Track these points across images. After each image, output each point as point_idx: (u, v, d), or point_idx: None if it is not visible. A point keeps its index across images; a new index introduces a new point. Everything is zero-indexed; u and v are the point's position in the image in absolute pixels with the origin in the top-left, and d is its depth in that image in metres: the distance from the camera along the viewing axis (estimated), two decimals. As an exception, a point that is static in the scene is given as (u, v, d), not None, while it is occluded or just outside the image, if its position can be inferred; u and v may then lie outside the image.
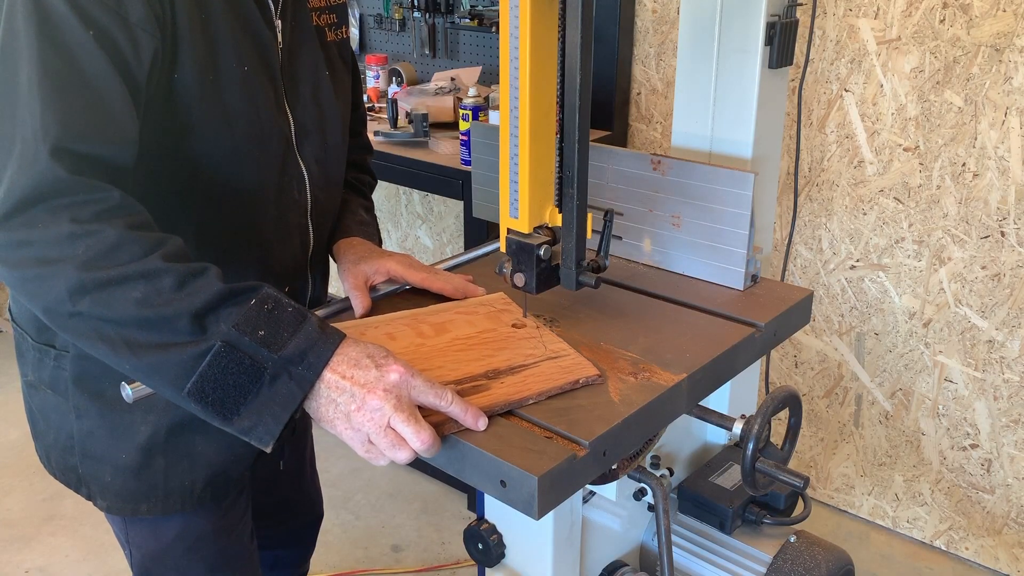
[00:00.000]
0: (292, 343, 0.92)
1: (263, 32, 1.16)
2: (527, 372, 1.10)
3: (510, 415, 1.03)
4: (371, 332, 1.16)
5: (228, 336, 0.90)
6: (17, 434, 3.13)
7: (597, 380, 1.10)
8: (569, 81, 1.07)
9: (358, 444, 0.95)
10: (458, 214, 3.09)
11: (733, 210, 1.33)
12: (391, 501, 2.76)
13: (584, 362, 1.12)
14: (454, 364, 1.10)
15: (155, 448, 1.24)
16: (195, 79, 1.07)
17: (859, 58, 2.24)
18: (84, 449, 1.25)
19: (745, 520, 1.48)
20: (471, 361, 1.11)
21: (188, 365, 0.91)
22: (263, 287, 0.96)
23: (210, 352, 0.90)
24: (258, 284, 0.96)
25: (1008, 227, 2.14)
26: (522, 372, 1.10)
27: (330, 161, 1.32)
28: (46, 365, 1.23)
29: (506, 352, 1.14)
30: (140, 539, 1.35)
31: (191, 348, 0.91)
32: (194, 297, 0.91)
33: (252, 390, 0.92)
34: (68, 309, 0.91)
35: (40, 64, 0.93)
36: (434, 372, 1.07)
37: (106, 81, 0.97)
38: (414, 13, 2.96)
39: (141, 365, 0.93)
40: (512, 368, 1.11)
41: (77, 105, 0.94)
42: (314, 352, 0.93)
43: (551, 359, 1.13)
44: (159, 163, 1.10)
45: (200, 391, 0.91)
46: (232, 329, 0.91)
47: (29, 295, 0.94)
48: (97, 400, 1.21)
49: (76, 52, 0.95)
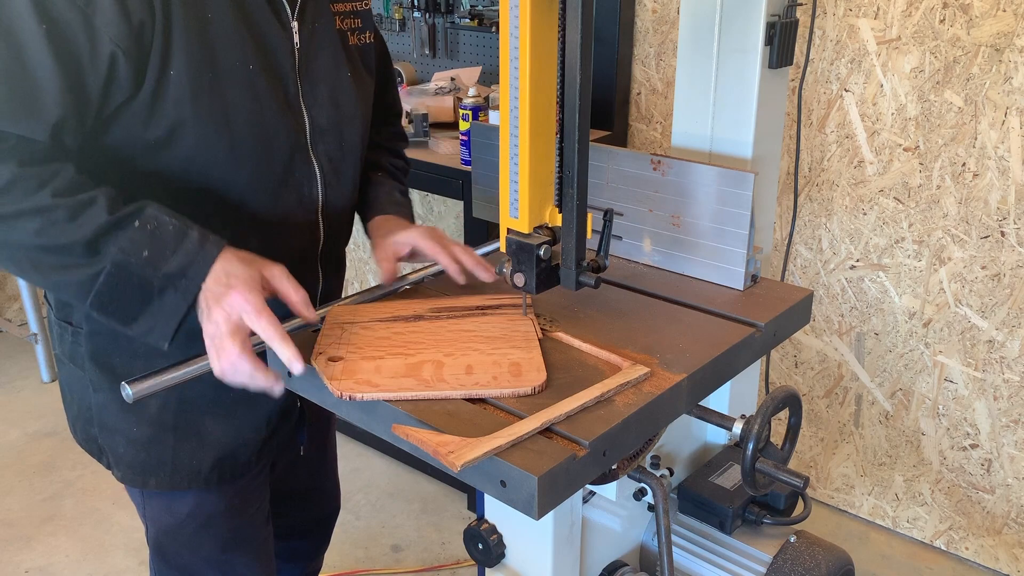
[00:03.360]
0: (174, 260, 1.05)
1: (275, 33, 1.21)
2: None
3: (508, 414, 1.03)
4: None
5: (116, 258, 1.03)
6: (17, 434, 3.13)
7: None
8: (569, 81, 1.07)
9: (208, 342, 1.07)
10: (458, 214, 3.09)
11: (733, 210, 1.33)
12: (391, 501, 2.76)
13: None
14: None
15: (164, 424, 1.31)
16: (190, 77, 1.12)
17: (859, 58, 2.24)
18: (101, 421, 1.32)
19: (745, 520, 1.48)
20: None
21: (86, 283, 1.05)
22: (145, 208, 1.06)
23: (102, 273, 1.04)
24: (141, 205, 1.07)
25: (1008, 227, 2.14)
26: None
27: (346, 160, 1.37)
28: (66, 340, 1.31)
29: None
30: (155, 514, 1.40)
31: (86, 269, 1.04)
32: (84, 227, 1.03)
33: (144, 302, 1.06)
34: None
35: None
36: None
37: (44, 75, 1.03)
38: (414, 13, 2.95)
39: (48, 283, 1.09)
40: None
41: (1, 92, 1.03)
42: (193, 267, 1.06)
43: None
44: (151, 155, 1.15)
45: (100, 304, 1.05)
46: (118, 252, 1.03)
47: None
48: (109, 374, 1.28)
49: (24, 42, 1.03)
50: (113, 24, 1.05)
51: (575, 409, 1.02)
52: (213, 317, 1.05)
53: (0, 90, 1.03)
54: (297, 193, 1.29)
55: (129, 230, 1.04)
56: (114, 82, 1.09)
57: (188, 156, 1.16)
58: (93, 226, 1.03)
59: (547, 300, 1.30)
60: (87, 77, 1.07)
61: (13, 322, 3.78)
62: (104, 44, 1.06)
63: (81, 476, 2.86)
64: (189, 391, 1.28)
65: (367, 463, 2.94)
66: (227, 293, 1.06)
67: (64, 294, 1.10)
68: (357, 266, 3.42)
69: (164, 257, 1.05)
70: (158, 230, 1.06)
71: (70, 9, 1.04)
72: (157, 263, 1.05)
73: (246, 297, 1.06)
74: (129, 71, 1.08)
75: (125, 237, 1.04)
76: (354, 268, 3.42)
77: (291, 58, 1.24)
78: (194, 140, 1.15)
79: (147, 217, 1.06)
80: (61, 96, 1.05)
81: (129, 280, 1.04)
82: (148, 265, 1.04)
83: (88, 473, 2.86)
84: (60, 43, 1.04)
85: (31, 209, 1.02)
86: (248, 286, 1.07)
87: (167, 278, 1.05)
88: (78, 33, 1.04)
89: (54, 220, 1.02)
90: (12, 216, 1.02)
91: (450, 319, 1.23)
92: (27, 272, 1.08)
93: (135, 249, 1.04)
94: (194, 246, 1.07)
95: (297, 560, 1.79)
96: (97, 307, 1.06)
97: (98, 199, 1.05)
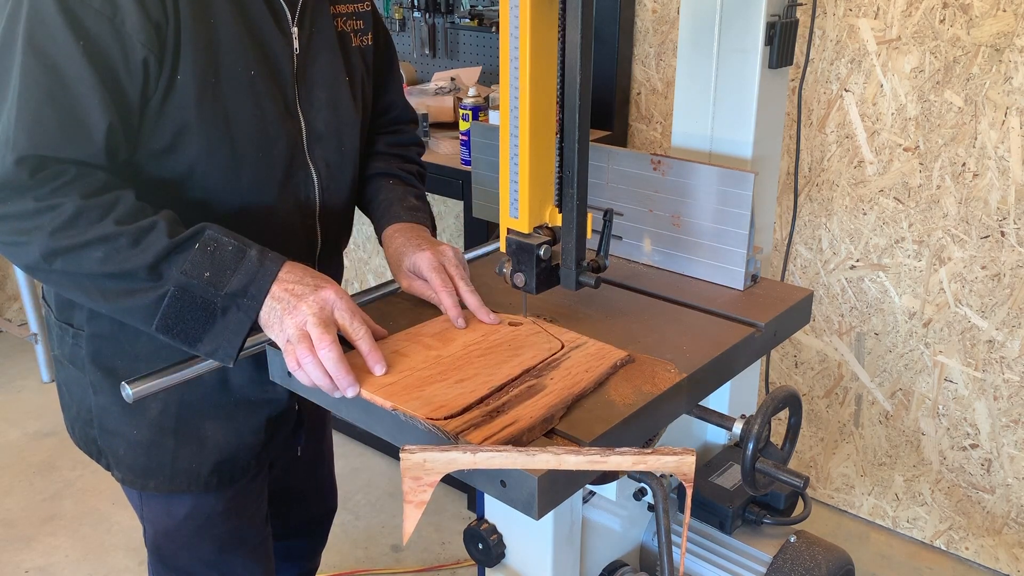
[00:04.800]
0: (235, 279, 1.07)
1: (275, 39, 1.21)
2: (565, 365, 1.10)
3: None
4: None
5: (179, 281, 1.05)
6: (17, 434, 3.13)
7: (629, 360, 1.12)
8: (569, 81, 1.07)
9: (282, 342, 1.07)
10: (458, 214, 3.09)
11: (733, 210, 1.33)
12: (391, 501, 2.76)
13: (606, 346, 1.13)
14: (488, 370, 1.10)
15: (165, 427, 1.30)
16: (196, 81, 1.12)
17: (859, 58, 2.24)
18: (101, 423, 1.32)
19: (745, 520, 1.48)
20: (500, 364, 1.11)
21: (151, 307, 1.06)
22: (205, 230, 1.08)
23: (167, 296, 1.06)
24: (201, 228, 1.08)
25: (1008, 227, 2.14)
26: (561, 366, 1.10)
27: (344, 165, 1.36)
28: (66, 342, 1.31)
29: (528, 350, 1.14)
30: (153, 515, 1.40)
31: (151, 293, 1.06)
32: (147, 252, 1.05)
33: (208, 322, 1.07)
34: (45, 268, 1.06)
35: (22, 74, 1.04)
36: (473, 380, 1.07)
37: (86, 90, 1.05)
38: (414, 13, 2.95)
39: (114, 308, 1.09)
40: (547, 364, 1.11)
41: (49, 117, 1.04)
42: (255, 284, 1.07)
43: (576, 348, 1.14)
44: (155, 162, 1.15)
45: (165, 326, 1.07)
46: (181, 275, 1.05)
47: (13, 258, 1.09)
48: (110, 377, 1.28)
49: (61, 63, 1.04)
50: (142, 29, 1.06)
51: (556, 406, 1.03)
52: (299, 310, 1.05)
53: (48, 116, 1.04)
54: (295, 197, 1.29)
55: (189, 252, 1.06)
56: (148, 87, 1.10)
57: (190, 163, 1.16)
58: (155, 251, 1.05)
59: (547, 300, 1.30)
60: (125, 87, 1.08)
61: (13, 322, 3.78)
62: (136, 51, 1.07)
63: (81, 476, 2.86)
64: (189, 394, 1.29)
65: (367, 463, 2.94)
66: (317, 290, 1.07)
67: (131, 318, 1.10)
68: (357, 266, 3.42)
69: (225, 277, 1.06)
70: (217, 251, 1.07)
71: (99, 21, 1.04)
72: (218, 284, 1.06)
73: (340, 294, 1.08)
74: (158, 74, 1.10)
75: (186, 260, 1.06)
76: (354, 268, 3.42)
77: (290, 63, 1.24)
78: (196, 146, 1.15)
79: (207, 239, 1.07)
80: (106, 111, 1.06)
81: (193, 302, 1.06)
82: (210, 286, 1.06)
83: (88, 473, 2.86)
84: (97, 57, 1.05)
85: (96, 239, 1.04)
86: (338, 287, 1.10)
87: (229, 297, 1.07)
88: (111, 45, 1.05)
89: (118, 247, 1.04)
90: (79, 247, 1.04)
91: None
92: (94, 299, 1.09)
93: (196, 271, 1.06)
94: (253, 265, 1.08)
95: (295, 560, 1.79)
96: (163, 329, 1.07)
97: (159, 224, 1.07)
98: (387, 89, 1.53)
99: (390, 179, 1.48)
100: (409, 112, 1.59)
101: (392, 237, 1.36)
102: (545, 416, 1.00)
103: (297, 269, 1.10)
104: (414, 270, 1.28)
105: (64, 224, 1.03)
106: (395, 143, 1.54)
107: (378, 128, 1.53)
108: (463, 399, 1.03)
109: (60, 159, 1.05)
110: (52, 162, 1.05)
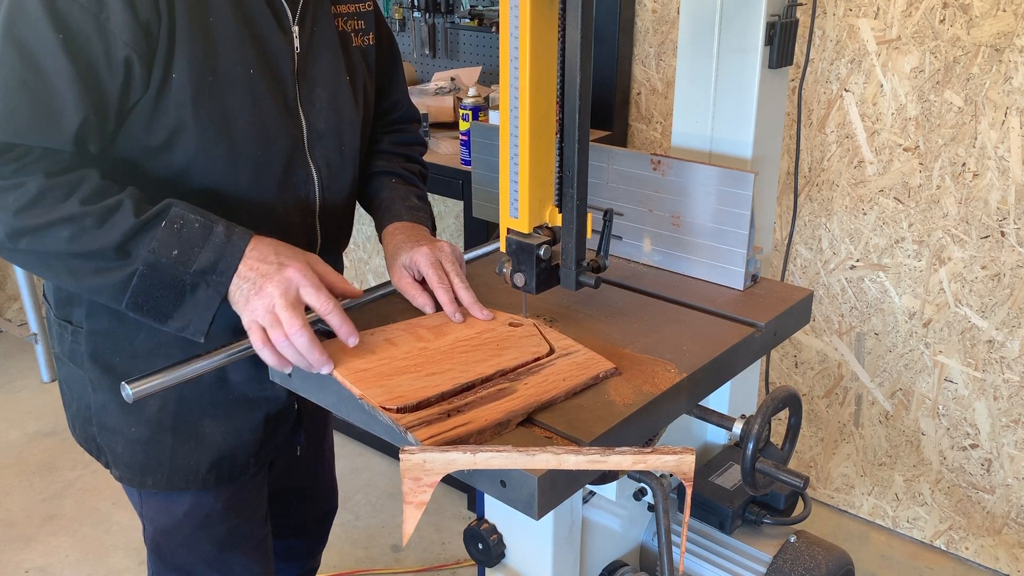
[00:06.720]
0: (203, 256, 1.07)
1: (275, 37, 1.21)
2: (546, 371, 1.10)
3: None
4: (368, 339, 1.16)
5: (147, 260, 1.06)
6: (17, 434, 3.13)
7: (615, 373, 1.11)
8: (569, 81, 1.07)
9: (250, 323, 1.07)
10: (458, 214, 3.09)
11: (733, 210, 1.33)
12: (391, 501, 2.76)
13: (597, 356, 1.13)
14: (463, 366, 1.10)
15: (163, 424, 1.31)
16: (192, 79, 1.12)
17: (859, 58, 2.24)
18: (100, 421, 1.32)
19: (745, 520, 1.48)
20: (479, 362, 1.11)
21: (121, 285, 1.07)
22: (171, 208, 1.08)
23: (135, 275, 1.06)
24: (167, 205, 1.08)
25: (1008, 227, 2.14)
26: (541, 371, 1.10)
27: (344, 165, 1.36)
28: (65, 339, 1.31)
29: (511, 351, 1.14)
30: (153, 513, 1.40)
31: (119, 272, 1.06)
32: (113, 231, 1.05)
33: (178, 300, 1.08)
34: (10, 247, 1.07)
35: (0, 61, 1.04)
36: (443, 375, 1.07)
37: (62, 83, 1.04)
38: (414, 13, 2.95)
39: (83, 287, 1.10)
40: (527, 367, 1.11)
41: (21, 107, 1.04)
42: (223, 261, 1.08)
43: (564, 356, 1.13)
44: (152, 159, 1.16)
45: (136, 304, 1.08)
46: (149, 254, 1.05)
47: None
48: (109, 374, 1.28)
49: (39, 54, 1.04)
50: (127, 29, 1.06)
51: (537, 402, 1.03)
52: (265, 292, 1.06)
53: (20, 103, 1.04)
54: (295, 196, 1.29)
55: (156, 230, 1.06)
56: (130, 86, 1.10)
57: (188, 160, 1.16)
58: (122, 230, 1.05)
59: (547, 300, 1.30)
60: (105, 83, 1.08)
61: (13, 322, 3.78)
62: (119, 49, 1.06)
63: (81, 476, 2.86)
64: (188, 392, 1.29)
65: (367, 463, 2.94)
66: (281, 269, 1.07)
67: (100, 297, 1.11)
68: (357, 266, 3.42)
69: (193, 254, 1.07)
70: (184, 228, 1.07)
71: (83, 16, 1.04)
72: (186, 261, 1.06)
73: (303, 272, 1.08)
74: (143, 74, 1.09)
75: (153, 238, 1.06)
76: (354, 268, 3.42)
77: (291, 62, 1.24)
78: (194, 144, 1.15)
79: (173, 216, 1.07)
80: (81, 105, 1.06)
81: (162, 279, 1.06)
82: (178, 264, 1.06)
83: (88, 473, 2.86)
84: (76, 52, 1.04)
85: (61, 218, 1.04)
86: (302, 263, 1.09)
87: (198, 274, 1.07)
88: (93, 40, 1.05)
89: (84, 227, 1.04)
90: (44, 227, 1.04)
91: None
92: (63, 278, 1.10)
93: (164, 249, 1.06)
94: (221, 241, 1.08)
95: (295, 559, 1.79)
96: (133, 307, 1.08)
97: (124, 203, 1.06)
98: (392, 88, 1.54)
99: (393, 178, 1.48)
100: (413, 111, 1.60)
101: (392, 235, 1.37)
102: (500, 420, 0.99)
103: (263, 245, 1.10)
104: (410, 266, 1.29)
105: (28, 204, 1.03)
106: (399, 142, 1.55)
107: (382, 127, 1.54)
108: (423, 392, 1.03)
109: (29, 146, 1.05)
110: (19, 146, 1.05)
